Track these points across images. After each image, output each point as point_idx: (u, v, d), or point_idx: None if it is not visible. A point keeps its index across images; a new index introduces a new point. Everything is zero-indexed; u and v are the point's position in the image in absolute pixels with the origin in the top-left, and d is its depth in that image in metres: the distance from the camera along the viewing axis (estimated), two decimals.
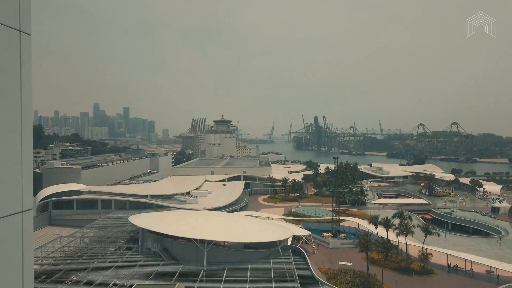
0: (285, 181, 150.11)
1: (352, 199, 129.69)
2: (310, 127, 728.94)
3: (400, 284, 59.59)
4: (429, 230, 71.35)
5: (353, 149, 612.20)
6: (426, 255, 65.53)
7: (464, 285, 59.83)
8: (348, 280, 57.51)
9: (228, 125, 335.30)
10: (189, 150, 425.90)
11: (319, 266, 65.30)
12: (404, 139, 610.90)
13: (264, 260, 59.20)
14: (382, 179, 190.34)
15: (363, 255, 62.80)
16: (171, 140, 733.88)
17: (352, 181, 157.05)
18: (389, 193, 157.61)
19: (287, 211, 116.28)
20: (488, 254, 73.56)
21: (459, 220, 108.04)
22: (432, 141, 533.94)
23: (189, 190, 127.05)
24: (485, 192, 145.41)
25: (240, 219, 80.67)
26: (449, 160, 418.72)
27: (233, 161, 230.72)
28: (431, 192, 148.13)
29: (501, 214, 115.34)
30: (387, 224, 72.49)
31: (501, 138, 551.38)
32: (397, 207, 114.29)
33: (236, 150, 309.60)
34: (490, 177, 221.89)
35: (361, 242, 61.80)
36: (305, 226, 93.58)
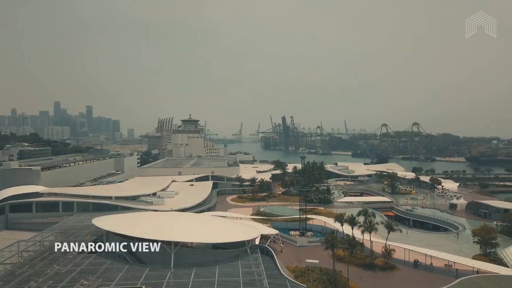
0: (254, 180, 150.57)
1: (319, 197, 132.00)
2: (278, 127, 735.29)
3: (365, 280, 61.27)
4: (392, 227, 73.82)
5: (319, 148, 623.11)
6: (389, 251, 67.75)
7: (424, 279, 62.27)
8: (315, 278, 58.45)
9: (196, 124, 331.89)
10: (156, 150, 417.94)
11: (287, 264, 65.94)
12: (368, 139, 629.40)
13: (232, 260, 59.03)
14: (348, 178, 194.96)
15: (330, 253, 64.04)
16: (136, 140, 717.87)
17: (319, 180, 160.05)
18: (354, 191, 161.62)
19: (256, 210, 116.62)
20: (447, 248, 77.12)
21: (420, 216, 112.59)
22: (394, 140, 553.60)
23: (155, 191, 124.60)
24: (444, 190, 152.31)
25: (208, 220, 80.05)
26: (410, 159, 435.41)
27: (201, 161, 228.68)
28: (394, 190, 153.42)
29: (459, 211, 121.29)
30: (352, 222, 74.32)
31: (458, 138, 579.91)
32: (362, 205, 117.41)
33: (204, 150, 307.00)
34: (448, 175, 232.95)
35: (328, 240, 62.96)
36: (273, 225, 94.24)
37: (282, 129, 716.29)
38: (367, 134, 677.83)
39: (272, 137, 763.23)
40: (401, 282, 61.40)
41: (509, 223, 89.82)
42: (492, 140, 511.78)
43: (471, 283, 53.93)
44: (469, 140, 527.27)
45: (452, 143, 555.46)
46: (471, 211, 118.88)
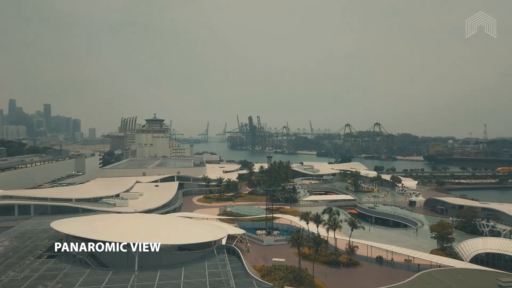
0: (220, 180, 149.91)
1: (285, 197, 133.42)
2: (244, 127, 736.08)
3: (329, 277, 62.59)
4: (355, 224, 75.93)
5: (286, 148, 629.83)
6: (352, 248, 69.62)
7: (386, 274, 64.45)
8: (281, 276, 59.03)
9: (161, 124, 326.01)
10: (119, 150, 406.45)
11: (253, 264, 66.15)
12: (332, 138, 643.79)
13: (198, 261, 58.44)
14: (313, 177, 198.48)
15: (296, 251, 64.87)
16: (98, 140, 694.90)
17: (285, 179, 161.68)
18: (319, 190, 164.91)
19: (222, 210, 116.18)
20: (407, 244, 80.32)
21: (381, 214, 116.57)
22: (357, 140, 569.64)
23: (118, 192, 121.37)
24: (404, 188, 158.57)
25: (174, 221, 78.84)
26: (373, 158, 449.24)
27: (166, 162, 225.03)
28: (357, 189, 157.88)
29: (417, 207, 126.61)
30: (317, 220, 75.67)
31: (417, 138, 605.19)
32: (327, 204, 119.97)
33: (169, 150, 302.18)
34: (407, 174, 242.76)
35: (293, 238, 63.77)
36: (239, 225, 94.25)
37: (249, 129, 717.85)
38: (332, 134, 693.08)
39: (239, 137, 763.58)
40: (364, 277, 63.21)
41: (463, 218, 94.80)
42: (448, 140, 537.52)
43: (429, 277, 56.40)
44: (427, 140, 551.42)
45: (411, 142, 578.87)
46: (429, 208, 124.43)
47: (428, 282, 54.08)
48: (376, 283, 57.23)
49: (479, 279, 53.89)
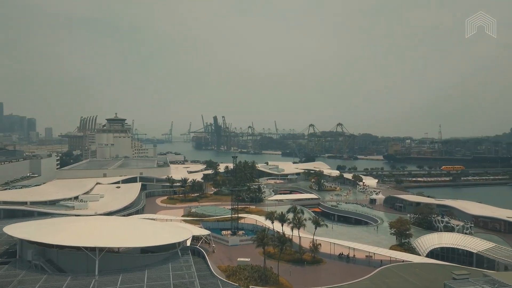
0: (185, 181, 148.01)
1: (250, 196, 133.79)
2: (209, 127, 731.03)
3: (294, 275, 63.42)
4: (318, 223, 77.46)
5: (251, 148, 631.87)
6: (316, 246, 70.95)
7: (348, 271, 66.23)
8: (246, 276, 59.15)
9: (123, 123, 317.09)
10: (78, 151, 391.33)
11: (218, 264, 65.83)
12: (297, 138, 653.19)
13: (162, 263, 57.38)
14: (278, 177, 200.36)
15: (261, 250, 65.21)
16: (55, 140, 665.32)
17: (250, 179, 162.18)
18: (284, 189, 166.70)
19: (187, 211, 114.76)
20: (368, 241, 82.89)
21: (344, 211, 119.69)
22: (321, 140, 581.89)
23: (77, 195, 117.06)
24: (365, 186, 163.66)
25: (136, 223, 76.94)
26: (335, 157, 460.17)
27: (129, 162, 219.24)
28: (320, 187, 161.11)
29: (378, 205, 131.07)
30: (282, 219, 76.52)
31: (377, 138, 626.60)
32: (291, 203, 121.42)
33: (131, 151, 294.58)
34: (368, 172, 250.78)
35: (259, 238, 64.07)
36: (204, 225, 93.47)
37: (214, 129, 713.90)
38: (296, 134, 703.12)
39: (204, 137, 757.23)
40: (327, 274, 64.61)
41: (420, 215, 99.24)
42: (405, 140, 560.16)
43: (389, 272, 58.56)
44: (386, 140, 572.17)
45: (372, 142, 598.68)
46: (388, 205, 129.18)
47: (387, 277, 56.12)
48: (339, 279, 58.64)
49: (434, 272, 56.55)
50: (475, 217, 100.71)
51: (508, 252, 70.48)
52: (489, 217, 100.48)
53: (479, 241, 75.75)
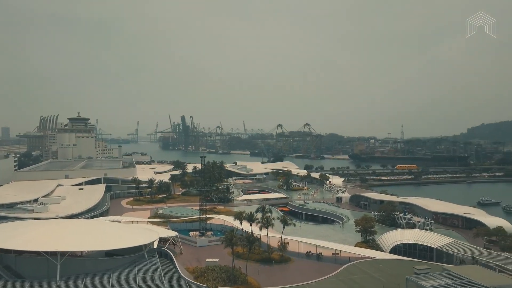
0: (151, 182, 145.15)
1: (218, 197, 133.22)
2: (177, 127, 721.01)
3: (262, 274, 63.71)
4: (286, 222, 78.27)
5: (219, 148, 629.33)
6: (284, 245, 71.63)
7: (316, 268, 67.26)
8: (215, 277, 58.81)
9: (86, 123, 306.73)
10: (37, 151, 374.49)
11: (186, 266, 65.06)
12: (265, 138, 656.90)
13: (128, 266, 56.02)
14: (246, 177, 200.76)
15: (229, 250, 65.04)
16: (13, 140, 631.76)
17: (219, 179, 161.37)
18: (252, 189, 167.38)
19: (154, 213, 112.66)
20: (334, 238, 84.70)
21: (311, 210, 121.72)
22: (288, 140, 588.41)
23: (37, 197, 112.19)
24: (331, 185, 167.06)
25: (100, 226, 74.71)
26: (303, 157, 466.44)
27: (92, 163, 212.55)
28: (288, 187, 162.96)
29: (343, 203, 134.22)
30: (250, 219, 76.71)
31: (343, 138, 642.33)
32: (260, 202, 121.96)
33: (95, 151, 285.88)
34: (334, 172, 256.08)
35: (227, 238, 63.89)
36: (172, 227, 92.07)
37: (182, 129, 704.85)
38: (264, 134, 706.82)
39: (171, 137, 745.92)
40: (295, 272, 65.38)
41: (384, 212, 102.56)
42: (370, 139, 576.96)
43: (354, 268, 60.22)
44: (352, 140, 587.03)
45: (338, 142, 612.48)
46: (354, 203, 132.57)
47: (353, 273, 57.65)
48: (306, 277, 59.51)
49: (397, 268, 58.65)
50: (435, 214, 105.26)
51: (465, 246, 74.16)
52: (448, 214, 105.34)
53: (439, 237, 79.27)
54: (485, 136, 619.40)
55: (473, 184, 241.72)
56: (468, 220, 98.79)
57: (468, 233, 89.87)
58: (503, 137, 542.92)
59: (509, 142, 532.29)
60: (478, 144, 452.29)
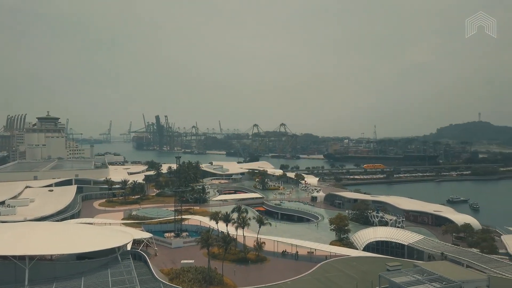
0: (125, 183, 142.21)
1: (194, 197, 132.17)
2: (151, 126, 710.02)
3: (238, 274, 63.67)
4: (262, 221, 78.52)
5: (195, 148, 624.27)
6: (260, 244, 71.85)
7: (291, 267, 67.81)
8: (190, 278, 58.28)
9: (56, 123, 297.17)
10: (4, 152, 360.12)
11: (161, 267, 64.16)
12: (241, 138, 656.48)
13: (100, 269, 54.65)
14: (222, 177, 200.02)
15: (205, 251, 64.59)
16: None
17: (194, 179, 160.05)
18: (228, 189, 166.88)
19: (127, 214, 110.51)
20: (309, 237, 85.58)
21: (287, 210, 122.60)
22: (264, 140, 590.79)
23: (4, 199, 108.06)
24: (306, 184, 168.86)
25: (71, 228, 72.52)
26: (279, 157, 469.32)
27: (63, 164, 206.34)
28: (264, 187, 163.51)
29: (318, 202, 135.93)
30: (226, 219, 76.49)
31: (318, 138, 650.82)
32: (236, 202, 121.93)
33: (66, 151, 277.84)
34: (310, 171, 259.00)
35: (203, 239, 63.41)
36: (146, 228, 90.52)
37: (156, 129, 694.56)
38: (240, 134, 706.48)
39: (145, 137, 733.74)
40: (271, 272, 65.68)
41: (357, 211, 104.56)
42: (344, 139, 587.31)
43: (329, 266, 61.12)
44: (326, 140, 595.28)
45: (313, 142, 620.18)
46: (328, 202, 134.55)
47: (328, 271, 58.49)
48: (282, 276, 59.87)
49: (370, 265, 59.90)
50: (406, 212, 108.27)
51: (434, 243, 76.66)
52: (418, 212, 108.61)
53: (410, 234, 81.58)
54: (454, 136, 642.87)
55: (442, 183, 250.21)
56: (438, 217, 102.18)
57: (438, 230, 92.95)
58: (470, 137, 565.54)
59: (476, 142, 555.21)
60: (446, 144, 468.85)
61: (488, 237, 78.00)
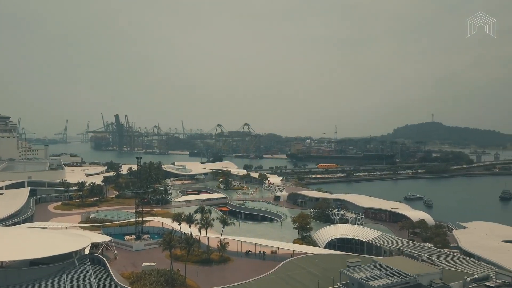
0: (82, 184, 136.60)
1: (156, 198, 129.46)
2: (110, 126, 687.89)
3: (202, 275, 63.04)
4: (226, 222, 78.29)
5: (157, 148, 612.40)
6: (223, 245, 71.52)
7: (255, 267, 67.94)
8: (152, 281, 57.00)
9: (6, 122, 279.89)
10: None
11: (121, 271, 62.28)
12: (204, 138, 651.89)
13: (56, 275, 52.24)
14: (185, 177, 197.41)
15: (168, 253, 63.43)
16: None
17: (156, 180, 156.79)
18: (191, 190, 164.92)
19: (85, 217, 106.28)
20: (273, 236, 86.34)
21: (250, 209, 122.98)
22: (228, 140, 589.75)
23: None
24: (270, 184, 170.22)
25: (23, 233, 68.58)
26: (242, 157, 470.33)
27: (14, 165, 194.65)
28: (228, 187, 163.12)
29: (282, 201, 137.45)
30: (189, 220, 75.46)
31: (281, 138, 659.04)
32: (199, 203, 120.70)
33: (17, 152, 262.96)
34: (273, 171, 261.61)
35: (165, 241, 62.17)
36: (105, 231, 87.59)
37: (116, 128, 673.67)
38: (204, 134, 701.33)
39: (104, 137, 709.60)
40: (234, 272, 65.57)
41: (319, 209, 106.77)
42: (306, 139, 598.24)
43: (292, 264, 61.86)
44: (289, 140, 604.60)
45: (276, 142, 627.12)
46: (291, 201, 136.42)
47: (290, 269, 59.23)
48: (245, 276, 59.89)
49: (332, 262, 61.30)
50: (365, 209, 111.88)
51: (392, 239, 79.76)
52: (377, 209, 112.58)
53: (369, 231, 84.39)
54: (409, 136, 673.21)
55: (399, 181, 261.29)
56: (395, 214, 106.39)
57: (395, 226, 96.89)
58: (424, 137, 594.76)
59: (429, 142, 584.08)
60: (403, 143, 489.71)
61: (440, 232, 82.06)
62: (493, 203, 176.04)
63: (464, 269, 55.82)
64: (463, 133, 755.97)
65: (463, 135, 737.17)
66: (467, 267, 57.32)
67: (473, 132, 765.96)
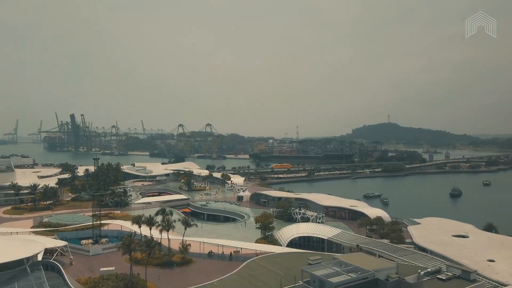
0: (35, 187, 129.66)
1: (115, 201, 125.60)
2: (65, 126, 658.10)
3: (163, 278, 61.85)
4: (188, 223, 77.33)
5: (115, 149, 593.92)
6: (185, 247, 70.49)
7: (217, 268, 67.57)
8: (110, 286, 55.17)
9: None
10: None
11: (78, 277, 59.87)
12: (166, 138, 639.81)
13: (6, 283, 49.44)
14: (146, 178, 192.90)
15: (127, 257, 61.63)
16: None
17: (115, 182, 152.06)
18: (152, 191, 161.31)
19: (38, 222, 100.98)
20: (236, 236, 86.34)
21: (213, 210, 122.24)
22: (190, 140, 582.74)
23: None
24: (232, 184, 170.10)
25: None
26: (205, 157, 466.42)
27: None
28: (190, 188, 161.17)
29: (245, 201, 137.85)
30: (150, 222, 73.69)
31: (244, 138, 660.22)
32: (160, 205, 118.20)
33: None
34: (236, 171, 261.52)
35: (124, 244, 60.34)
36: (60, 236, 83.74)
37: (71, 128, 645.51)
38: (165, 134, 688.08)
39: (59, 137, 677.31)
40: (196, 274, 64.88)
41: (281, 208, 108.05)
42: (269, 139, 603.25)
43: (254, 264, 62.14)
44: (252, 140, 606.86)
45: (239, 142, 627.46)
46: (254, 201, 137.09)
47: (253, 269, 59.48)
48: (208, 277, 59.44)
49: (294, 260, 62.19)
50: (326, 208, 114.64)
51: (351, 236, 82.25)
52: (337, 207, 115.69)
53: (329, 229, 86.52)
54: (367, 136, 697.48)
55: (358, 180, 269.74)
56: (354, 212, 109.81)
57: (354, 223, 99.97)
58: (381, 137, 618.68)
59: (386, 142, 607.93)
60: (361, 143, 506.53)
61: (396, 229, 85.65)
62: (444, 199, 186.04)
63: (418, 263, 58.60)
64: (417, 133, 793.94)
65: (417, 135, 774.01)
66: (420, 261, 60.22)
67: (426, 132, 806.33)
